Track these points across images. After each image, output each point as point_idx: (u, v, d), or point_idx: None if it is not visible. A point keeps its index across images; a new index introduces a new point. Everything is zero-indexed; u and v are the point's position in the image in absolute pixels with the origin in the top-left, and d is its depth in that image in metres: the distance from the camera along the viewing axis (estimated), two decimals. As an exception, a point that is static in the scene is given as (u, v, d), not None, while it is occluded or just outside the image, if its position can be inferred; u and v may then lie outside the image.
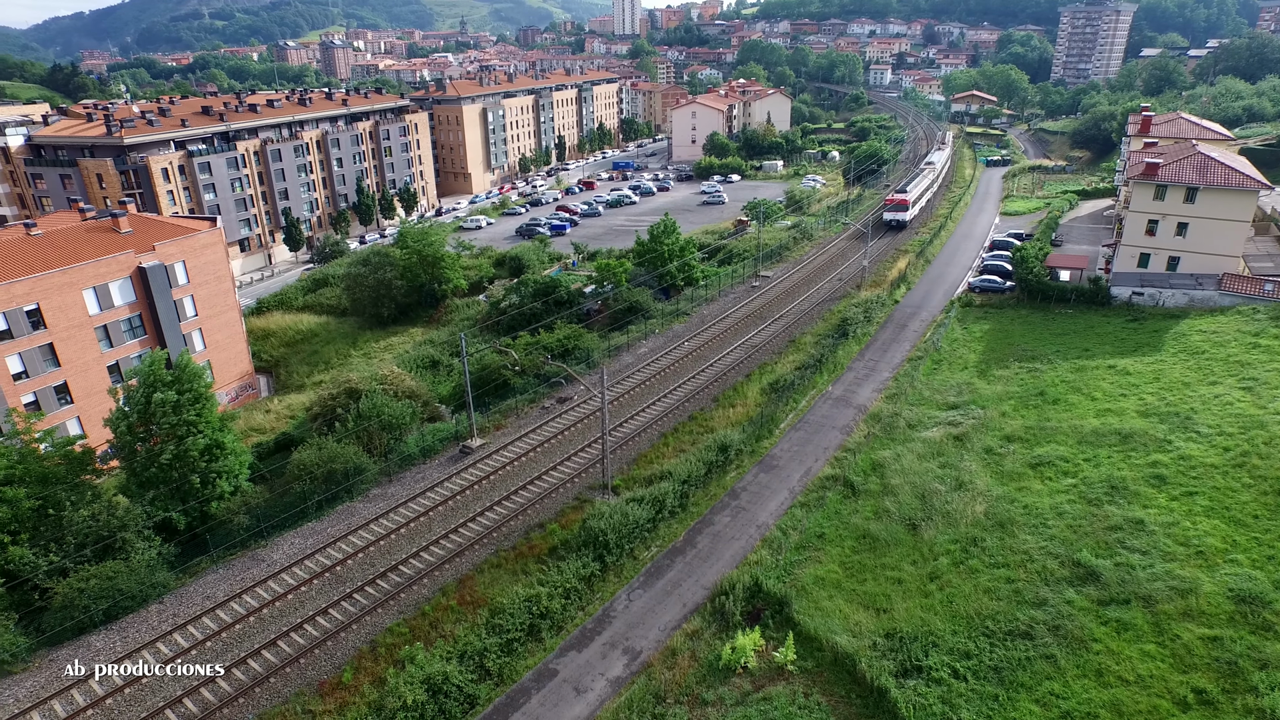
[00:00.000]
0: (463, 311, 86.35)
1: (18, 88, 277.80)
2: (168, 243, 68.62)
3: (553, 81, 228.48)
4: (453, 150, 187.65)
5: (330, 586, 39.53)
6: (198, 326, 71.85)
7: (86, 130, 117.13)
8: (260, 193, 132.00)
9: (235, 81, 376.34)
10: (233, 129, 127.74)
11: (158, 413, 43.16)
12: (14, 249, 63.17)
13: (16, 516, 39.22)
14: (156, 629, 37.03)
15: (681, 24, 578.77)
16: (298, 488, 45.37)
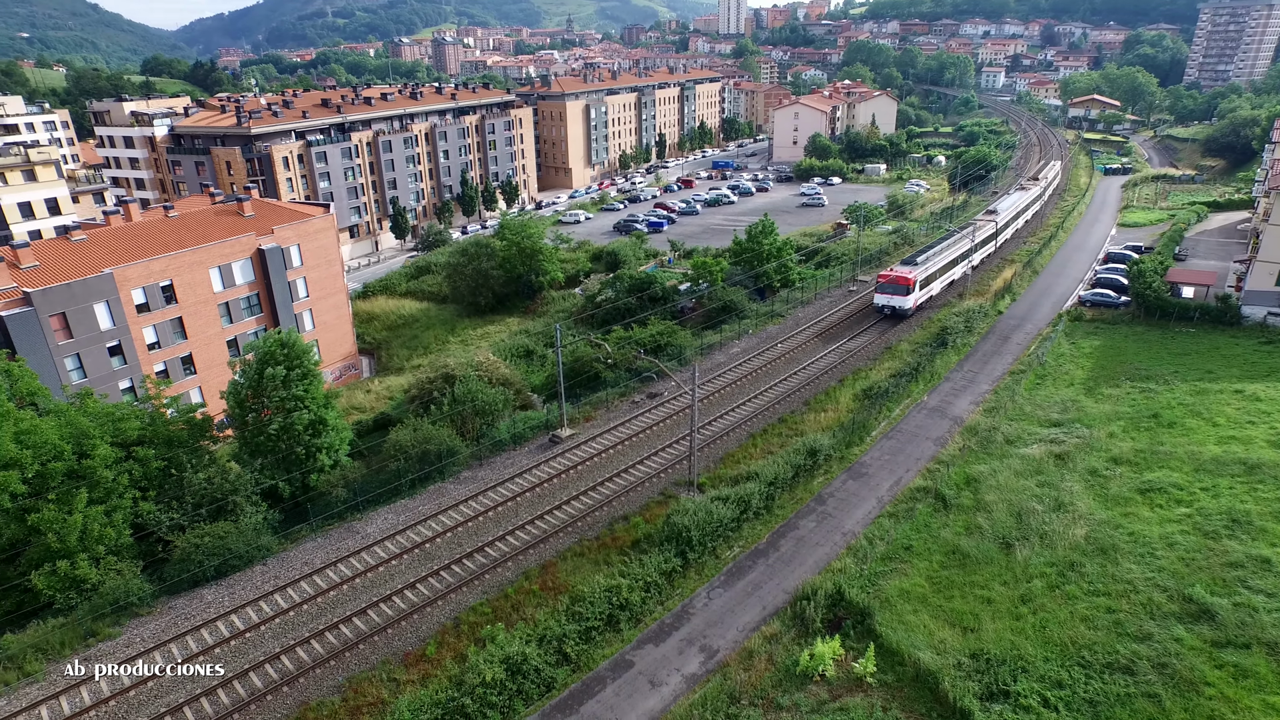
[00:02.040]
0: (558, 304, 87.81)
1: (165, 83, 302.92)
2: (285, 227, 72.43)
3: (655, 79, 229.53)
4: (554, 145, 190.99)
5: (419, 562, 40.95)
6: (308, 307, 75.60)
7: (219, 121, 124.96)
8: (370, 182, 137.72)
9: (352, 76, 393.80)
10: (348, 121, 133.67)
11: (268, 386, 45.68)
12: (154, 229, 68.13)
13: (146, 475, 42.38)
14: (259, 588, 39.23)
15: (787, 24, 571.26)
16: (393, 465, 47.16)
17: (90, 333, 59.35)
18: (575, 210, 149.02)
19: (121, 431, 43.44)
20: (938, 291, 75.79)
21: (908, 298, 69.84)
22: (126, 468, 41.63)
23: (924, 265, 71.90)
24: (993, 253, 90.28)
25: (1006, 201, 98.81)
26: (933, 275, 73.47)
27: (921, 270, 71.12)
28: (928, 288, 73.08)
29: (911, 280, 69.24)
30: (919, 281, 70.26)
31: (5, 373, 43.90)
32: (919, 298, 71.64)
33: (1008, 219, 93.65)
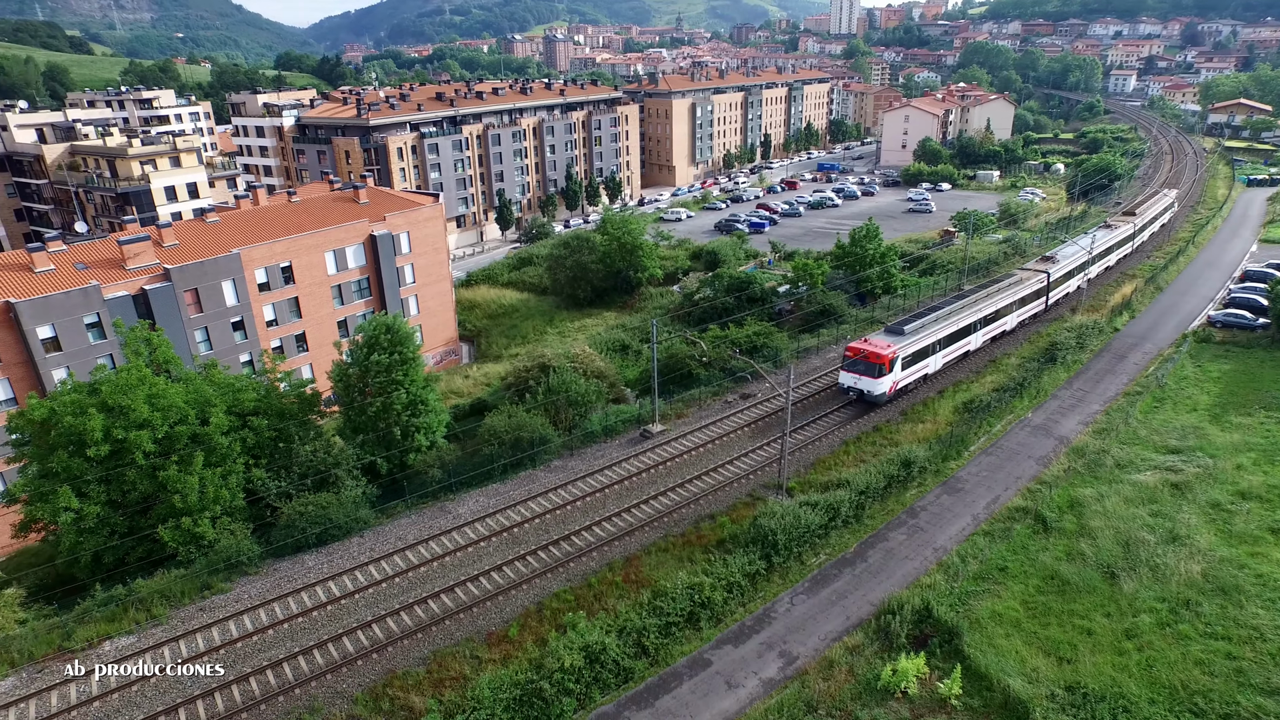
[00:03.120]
0: (656, 300, 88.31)
1: (295, 77, 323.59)
2: (396, 215, 75.49)
3: (763, 79, 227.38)
4: (659, 143, 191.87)
5: (506, 546, 42.02)
6: (414, 293, 78.59)
7: (341, 112, 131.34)
8: (479, 174, 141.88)
9: (466, 71, 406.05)
10: (460, 114, 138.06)
11: (372, 369, 47.85)
12: (278, 214, 72.32)
13: (259, 443, 45.14)
14: (355, 558, 41.13)
15: (901, 24, 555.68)
16: (487, 450, 48.54)
17: (218, 308, 63.51)
18: (677, 208, 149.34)
19: (239, 401, 46.38)
20: (938, 369, 58.33)
21: (880, 380, 52.33)
22: (241, 435, 44.44)
23: (917, 334, 55.11)
24: (1040, 311, 70.84)
25: (1072, 248, 76.85)
26: (928, 348, 55.91)
27: (910, 341, 54.11)
28: (919, 365, 55.61)
29: (887, 357, 52.13)
30: (901, 358, 53.22)
31: (146, 341, 47.49)
32: (902, 379, 54.22)
33: (1067, 270, 73.13)
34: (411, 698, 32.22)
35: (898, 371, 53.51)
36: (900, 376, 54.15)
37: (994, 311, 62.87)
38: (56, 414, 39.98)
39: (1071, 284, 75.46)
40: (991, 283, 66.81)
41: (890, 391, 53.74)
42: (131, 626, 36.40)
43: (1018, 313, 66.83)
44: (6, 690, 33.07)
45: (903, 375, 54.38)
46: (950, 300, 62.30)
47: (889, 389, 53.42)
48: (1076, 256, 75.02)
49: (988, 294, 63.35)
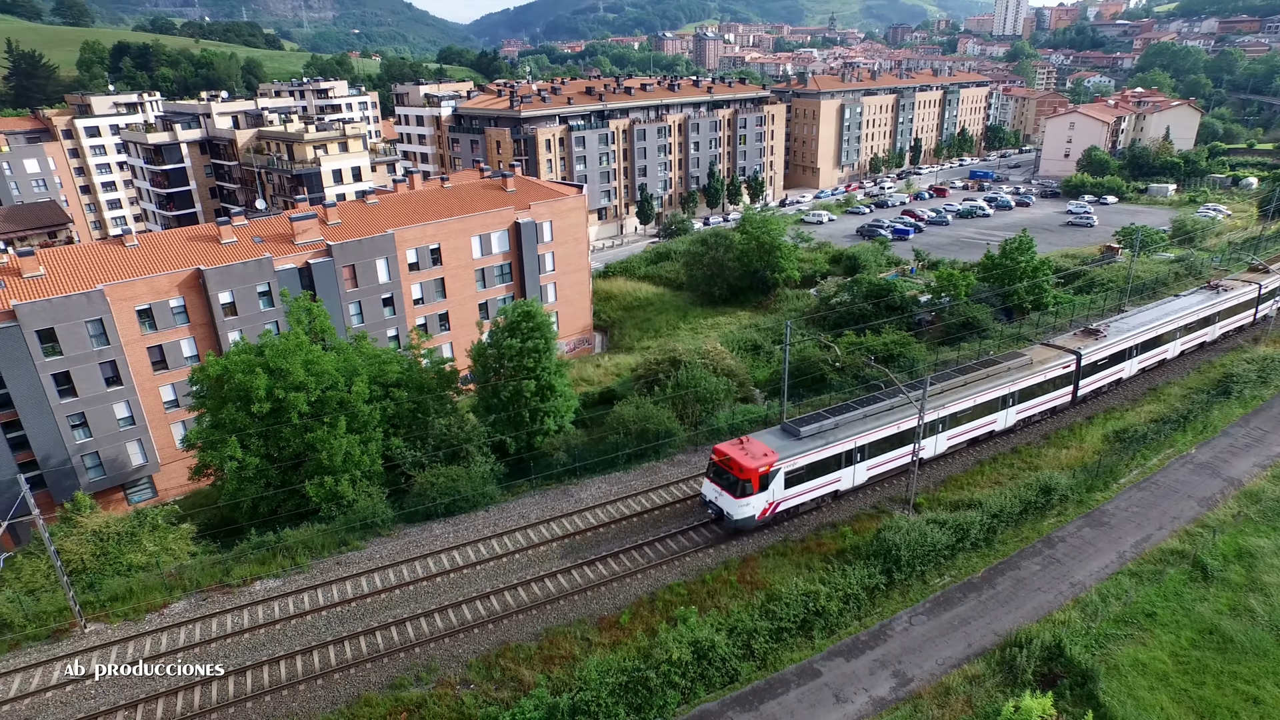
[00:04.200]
0: (791, 302, 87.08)
1: (454, 70, 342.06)
2: (541, 204, 77.88)
3: (917, 81, 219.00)
4: (805, 144, 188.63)
5: (624, 534, 42.59)
6: (553, 280, 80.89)
7: (494, 104, 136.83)
8: (622, 168, 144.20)
9: (616, 67, 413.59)
10: (608, 108, 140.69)
11: (508, 353, 49.66)
12: (431, 198, 76.32)
13: (399, 414, 47.93)
14: (480, 531, 42.90)
15: (1074, 24, 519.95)
16: (612, 438, 49.36)
17: (371, 284, 67.74)
18: (819, 210, 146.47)
19: (384, 373, 49.35)
20: (861, 481, 43.88)
21: (745, 500, 39.47)
22: (383, 405, 47.28)
23: (821, 440, 41.46)
24: (1064, 406, 52.98)
25: (1146, 315, 58.79)
26: (836, 459, 41.90)
27: (804, 450, 40.72)
28: (819, 480, 41.88)
29: (756, 470, 38.90)
30: (783, 472, 39.98)
31: (307, 311, 51.37)
32: (786, 499, 40.98)
33: (1119, 349, 54.16)
34: (522, 670, 33.30)
35: (777, 490, 40.14)
36: (783, 497, 40.68)
37: (967, 409, 46.38)
38: (229, 371, 43.98)
39: (1125, 369, 55.47)
40: (981, 365, 49.92)
41: (762, 516, 40.42)
42: (278, 571, 39.65)
43: (1016, 409, 49.30)
44: (179, 611, 37.34)
45: (788, 495, 40.86)
46: (911, 387, 45.87)
47: (760, 512, 40.10)
48: (1144, 328, 55.94)
49: (967, 383, 47.22)
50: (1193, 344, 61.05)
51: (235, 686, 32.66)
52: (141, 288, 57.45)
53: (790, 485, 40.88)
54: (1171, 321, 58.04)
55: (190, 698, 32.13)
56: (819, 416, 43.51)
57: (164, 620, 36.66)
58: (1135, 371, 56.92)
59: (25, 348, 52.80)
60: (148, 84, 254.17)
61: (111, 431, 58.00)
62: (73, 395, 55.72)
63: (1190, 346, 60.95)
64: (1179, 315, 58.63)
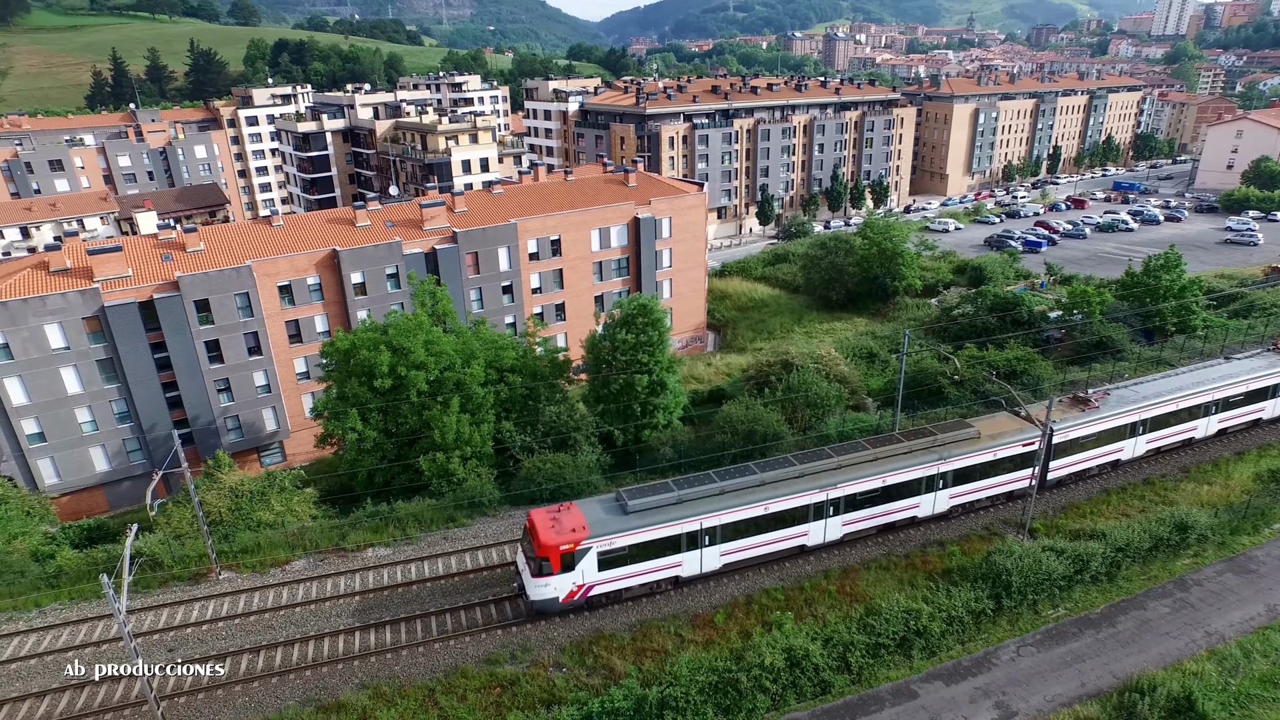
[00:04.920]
0: (911, 311, 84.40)
1: (583, 66, 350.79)
2: (661, 200, 78.37)
3: (1060, 85, 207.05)
4: (934, 149, 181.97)
5: (724, 533, 42.36)
6: (669, 277, 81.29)
7: (620, 100, 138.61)
8: (744, 167, 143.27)
9: (743, 66, 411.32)
10: (732, 107, 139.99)
11: (620, 347, 50.26)
12: (553, 191, 78.22)
13: (511, 398, 49.40)
14: (583, 520, 43.67)
15: (1251, 21, 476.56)
16: (719, 438, 49.15)
17: (492, 272, 70.06)
18: (945, 219, 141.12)
19: (499, 358, 50.93)
20: (701, 572, 37.33)
21: (545, 581, 34.17)
22: (497, 389, 48.81)
23: (651, 519, 35.38)
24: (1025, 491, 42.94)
25: (1149, 388, 47.89)
26: (670, 542, 35.83)
27: (628, 529, 34.84)
28: (638, 566, 35.68)
29: (559, 547, 33.60)
30: (596, 552, 34.35)
31: (431, 294, 53.66)
32: (601, 583, 35.28)
33: (1100, 429, 44.52)
34: (614, 659, 33.68)
35: (588, 571, 34.60)
36: (598, 580, 35.07)
37: (873, 490, 39.20)
38: (356, 347, 46.51)
39: (1125, 450, 45.99)
40: (912, 435, 41.87)
41: (569, 599, 34.96)
42: (389, 540, 41.68)
43: (950, 492, 41.36)
44: (299, 569, 39.92)
45: (605, 578, 35.22)
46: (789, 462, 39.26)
47: (564, 595, 34.71)
48: (1158, 400, 46.03)
49: (878, 459, 39.82)
50: (1240, 420, 49.91)
51: (344, 644, 34.60)
52: (284, 265, 61.51)
53: (609, 567, 35.00)
54: (1205, 392, 47.27)
55: (305, 650, 34.25)
56: (661, 488, 37.10)
57: (286, 575, 39.24)
58: (1143, 452, 46.99)
59: (185, 316, 57.57)
60: (301, 77, 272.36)
61: (251, 398, 62.46)
62: (220, 362, 60.36)
63: (1238, 423, 50.01)
64: (1218, 384, 47.64)
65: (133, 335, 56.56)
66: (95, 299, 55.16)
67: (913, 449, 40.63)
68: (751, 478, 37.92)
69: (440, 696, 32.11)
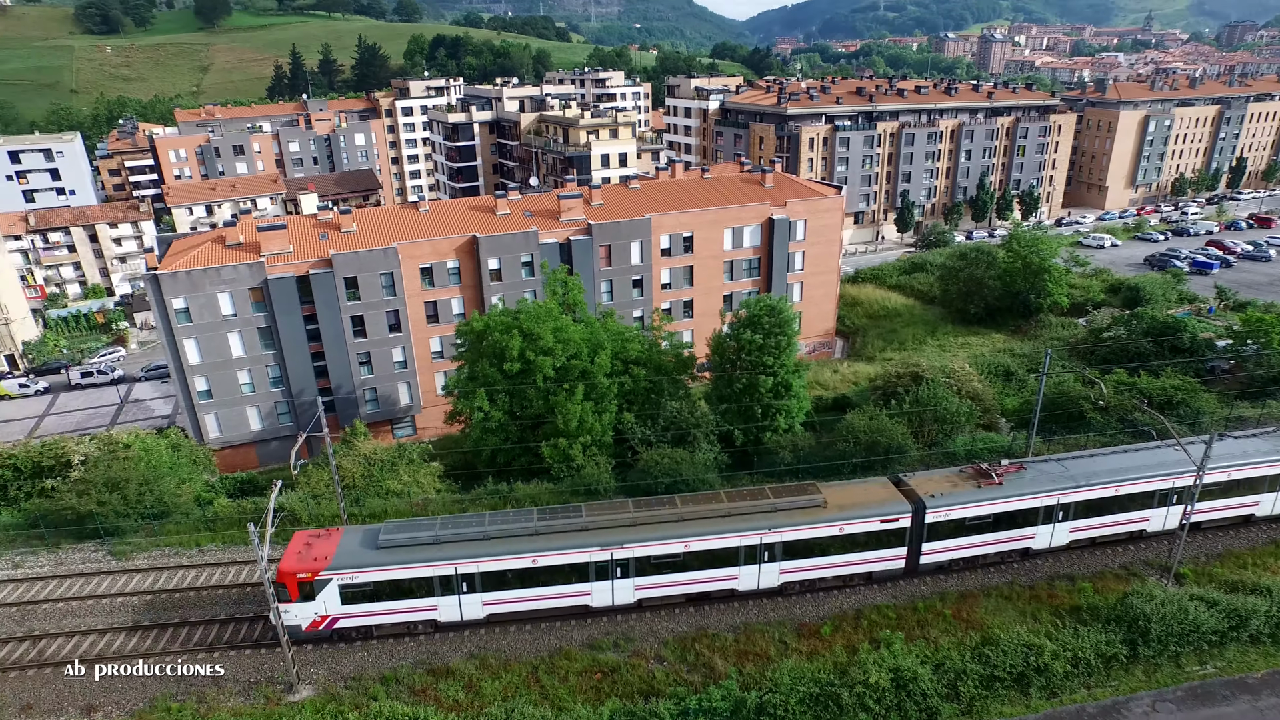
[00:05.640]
0: (1055, 330, 79.43)
1: (726, 65, 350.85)
2: (797, 202, 77.09)
3: (1253, 90, 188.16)
4: (1094, 159, 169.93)
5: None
6: (800, 280, 79.91)
7: (761, 100, 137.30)
8: (885, 172, 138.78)
9: (890, 68, 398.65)
10: (876, 110, 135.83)
11: (746, 346, 49.88)
12: (689, 188, 78.56)
13: (634, 390, 50.05)
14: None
15: None
16: (841, 446, 47.96)
17: (624, 265, 71.05)
18: (1101, 234, 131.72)
19: (625, 350, 51.63)
20: (461, 619, 35.42)
21: (288, 608, 33.42)
22: (620, 380, 49.52)
23: (397, 554, 34.37)
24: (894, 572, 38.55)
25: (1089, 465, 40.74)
26: (423, 584, 34.44)
27: (374, 564, 34.03)
28: (391, 604, 34.63)
29: (295, 575, 33.38)
30: (338, 584, 33.71)
31: (563, 283, 55.07)
32: (342, 615, 34.45)
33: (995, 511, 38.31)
34: (715, 659, 33.68)
35: (330, 603, 33.94)
36: (342, 613, 34.34)
37: (673, 554, 35.58)
38: (489, 329, 48.35)
39: (1037, 537, 39.25)
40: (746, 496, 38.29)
41: (313, 628, 34.36)
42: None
43: (780, 565, 36.73)
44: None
45: (351, 612, 34.44)
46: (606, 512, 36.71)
47: (308, 624, 34.17)
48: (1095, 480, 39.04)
49: (684, 519, 36.27)
50: (1219, 514, 41.52)
51: (459, 614, 36.11)
52: (426, 248, 64.71)
53: (355, 601, 34.15)
54: (1168, 476, 39.36)
55: (422, 615, 36.02)
56: (423, 525, 36.03)
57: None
58: (1064, 542, 39.75)
59: (335, 292, 61.66)
60: (455, 71, 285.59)
61: (388, 372, 66.16)
62: (363, 337, 64.23)
63: (1216, 517, 41.59)
64: (1186, 468, 38.30)
65: (289, 307, 61.16)
66: (260, 272, 59.99)
67: (732, 512, 36.60)
68: (525, 525, 35.74)
69: (543, 675, 33.11)
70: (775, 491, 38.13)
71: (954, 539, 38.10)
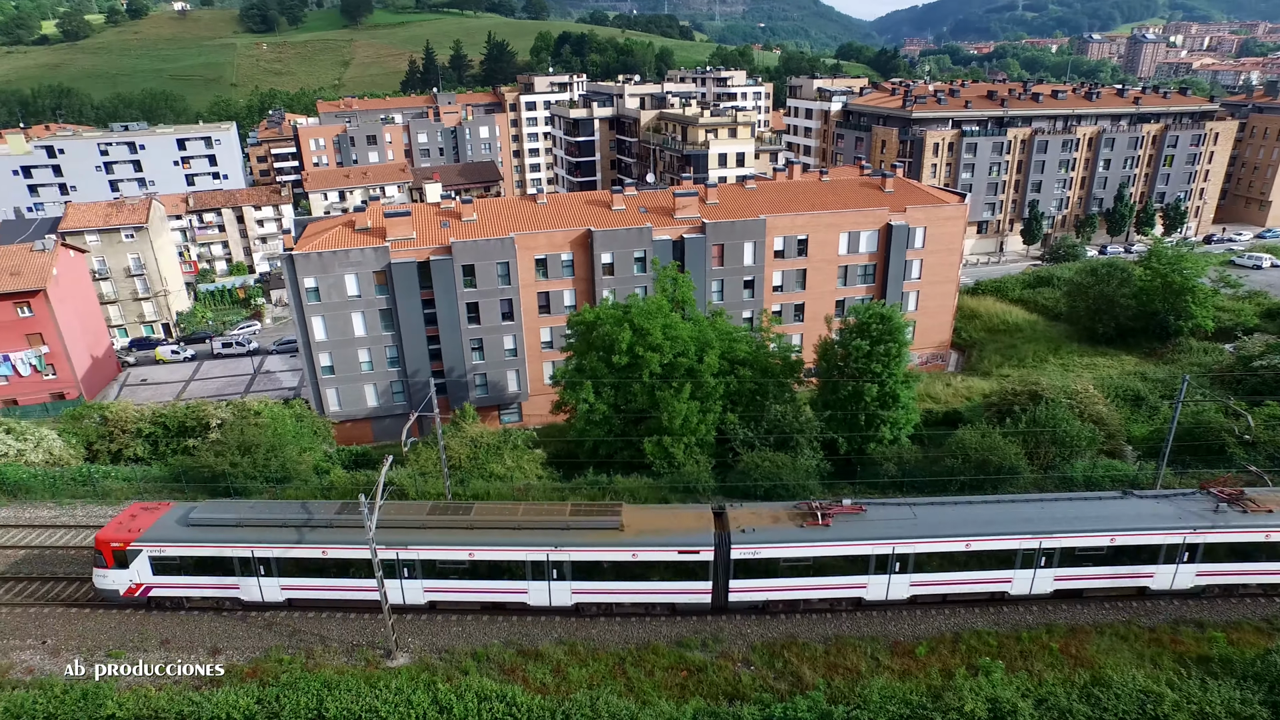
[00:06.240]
0: (1196, 355, 73.79)
1: (850, 66, 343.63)
2: (917, 209, 74.59)
3: None
4: (1255, 170, 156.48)
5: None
6: (916, 289, 77.38)
7: (886, 102, 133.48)
8: (1013, 180, 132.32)
9: (1025, 71, 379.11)
10: (1008, 115, 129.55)
11: (853, 353, 48.71)
12: (806, 190, 77.42)
13: (739, 391, 49.75)
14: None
15: None
16: (949, 462, 46.17)
17: (736, 265, 70.70)
18: (1259, 253, 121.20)
19: (732, 350, 51.35)
20: (262, 600, 37.06)
21: (104, 572, 36.34)
22: (727, 380, 49.28)
23: (202, 532, 36.29)
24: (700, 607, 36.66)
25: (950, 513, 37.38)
26: (225, 563, 36.22)
27: (181, 540, 36.05)
28: (201, 579, 36.53)
29: (109, 542, 35.85)
30: (147, 555, 35.91)
31: (673, 280, 55.27)
32: (155, 585, 36.56)
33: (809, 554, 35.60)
34: (803, 668, 33.09)
35: (143, 572, 36.11)
36: (155, 583, 36.44)
37: (444, 561, 35.79)
38: (601, 321, 49.09)
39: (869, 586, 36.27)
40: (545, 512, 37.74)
41: (129, 594, 36.67)
42: (604, 510, 43.56)
43: (572, 584, 35.99)
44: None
45: (164, 583, 36.52)
46: None
47: (124, 590, 36.58)
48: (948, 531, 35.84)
49: (474, 526, 36.21)
50: (1102, 584, 37.08)
51: (553, 599, 36.84)
52: (542, 240, 66.27)
53: (166, 573, 36.32)
54: (1025, 536, 35.57)
55: (517, 597, 36.97)
56: (233, 508, 38.26)
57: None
58: (904, 596, 36.50)
59: (453, 278, 64.05)
60: (578, 67, 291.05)
61: (498, 360, 68.21)
62: (477, 323, 66.47)
63: (1101, 586, 37.14)
64: (1055, 528, 35.78)
65: (409, 290, 64.01)
66: (385, 256, 62.99)
67: (522, 526, 36.12)
68: (321, 518, 36.75)
69: (629, 667, 33.39)
70: (575, 509, 37.63)
71: (770, 579, 35.70)
